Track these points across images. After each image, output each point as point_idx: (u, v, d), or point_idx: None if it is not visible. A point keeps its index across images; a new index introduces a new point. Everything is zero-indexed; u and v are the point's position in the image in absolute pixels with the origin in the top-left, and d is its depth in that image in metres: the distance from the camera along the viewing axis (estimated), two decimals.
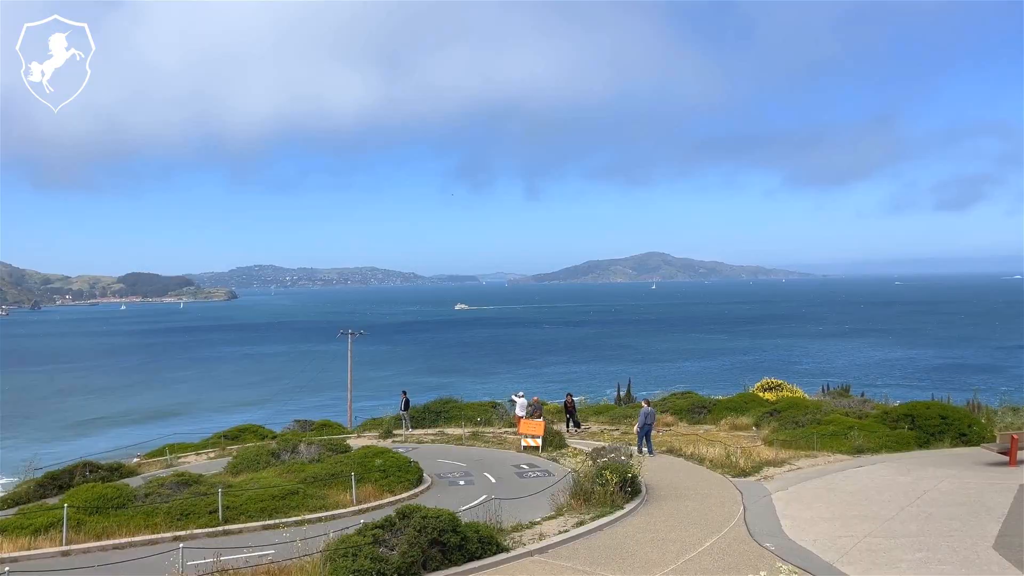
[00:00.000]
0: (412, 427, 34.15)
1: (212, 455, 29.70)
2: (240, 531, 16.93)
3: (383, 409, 44.14)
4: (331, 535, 13.13)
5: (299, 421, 37.28)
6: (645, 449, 24.77)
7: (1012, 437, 20.73)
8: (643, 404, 26.98)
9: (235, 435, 33.89)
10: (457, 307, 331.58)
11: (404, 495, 19.82)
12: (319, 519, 17.32)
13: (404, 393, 36.41)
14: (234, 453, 26.02)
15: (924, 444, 23.90)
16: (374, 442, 29.43)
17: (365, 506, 18.62)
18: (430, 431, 33.09)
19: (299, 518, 17.52)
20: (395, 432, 32.45)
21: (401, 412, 35.02)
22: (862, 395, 40.08)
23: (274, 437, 30.61)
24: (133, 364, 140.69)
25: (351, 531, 13.10)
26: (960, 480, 18.60)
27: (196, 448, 32.54)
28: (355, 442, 29.26)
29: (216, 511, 17.46)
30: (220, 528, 17.00)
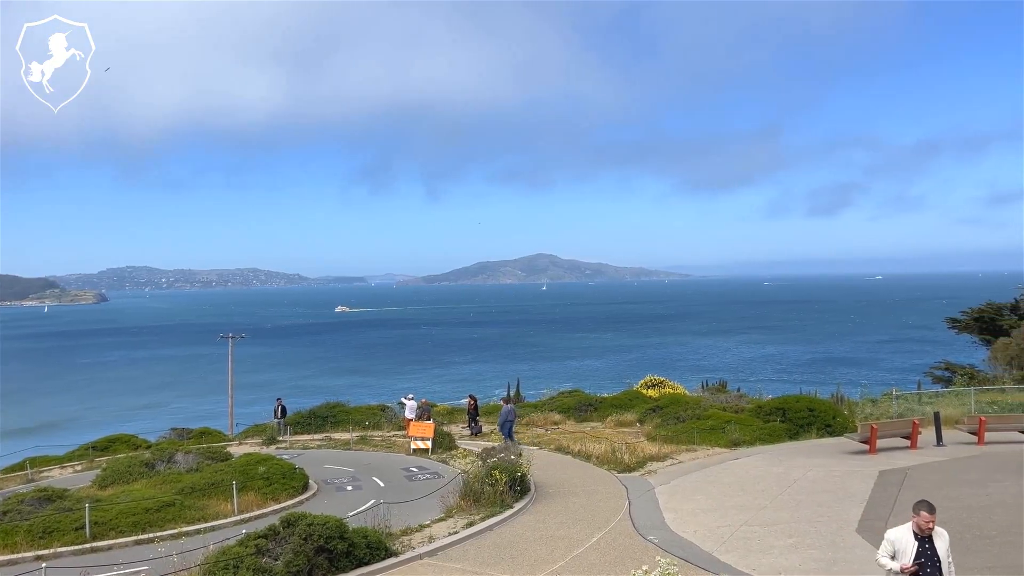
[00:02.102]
0: (290, 433, 33.20)
1: (79, 468, 27.87)
2: (110, 547, 15.93)
3: (267, 415, 42.68)
4: (210, 547, 12.58)
5: (176, 429, 35.54)
6: (507, 441, 25.69)
7: (872, 427, 22.25)
8: (503, 403, 28.38)
9: (105, 446, 31.88)
10: (338, 309, 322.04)
11: (289, 503, 19.23)
12: (198, 531, 16.53)
13: (279, 400, 35.41)
14: (103, 465, 24.46)
15: (794, 436, 25.29)
16: (257, 449, 28.42)
17: (247, 515, 17.93)
18: (316, 436, 32.26)
19: (175, 531, 16.66)
20: (279, 438, 31.46)
21: (276, 420, 34.05)
22: (738, 390, 41.98)
23: (148, 447, 29.02)
24: None
25: (232, 542, 12.59)
26: (826, 469, 19.79)
27: (61, 461, 30.42)
28: (237, 449, 28.15)
29: (83, 527, 16.37)
30: (87, 545, 15.93)
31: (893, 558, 8.34)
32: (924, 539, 8.30)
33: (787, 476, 19.10)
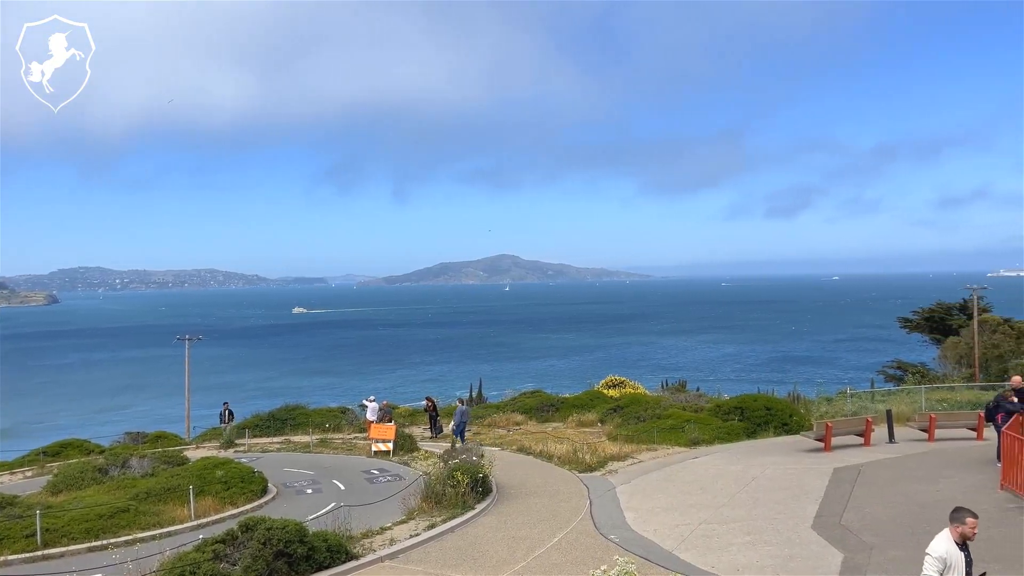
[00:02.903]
0: (235, 437, 32.75)
1: (29, 474, 27.14)
2: (62, 555, 15.55)
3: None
4: (166, 553, 12.36)
5: (131, 433, 34.84)
6: (460, 443, 25.81)
7: (827, 425, 22.70)
8: (458, 403, 28.66)
9: (56, 451, 31.11)
10: (295, 311, 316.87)
11: (248, 507, 18.97)
12: (153, 537, 16.22)
13: (226, 404, 34.97)
14: (55, 471, 23.88)
15: (752, 434, 25.70)
16: (215, 453, 27.97)
17: (205, 520, 17.64)
18: (275, 439, 31.87)
19: (130, 537, 16.30)
20: (237, 441, 31.01)
21: (223, 425, 33.59)
22: (697, 390, 42.57)
23: (101, 452, 28.39)
24: None
25: (189, 548, 12.40)
26: (783, 467, 20.13)
27: (10, 467, 29.59)
28: (194, 453, 27.71)
29: (34, 534, 15.95)
30: (39, 553, 15.53)
31: (942, 575, 7.92)
32: (963, 547, 8.01)
33: (745, 474, 19.39)
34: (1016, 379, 19.82)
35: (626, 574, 7.11)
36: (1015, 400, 18.58)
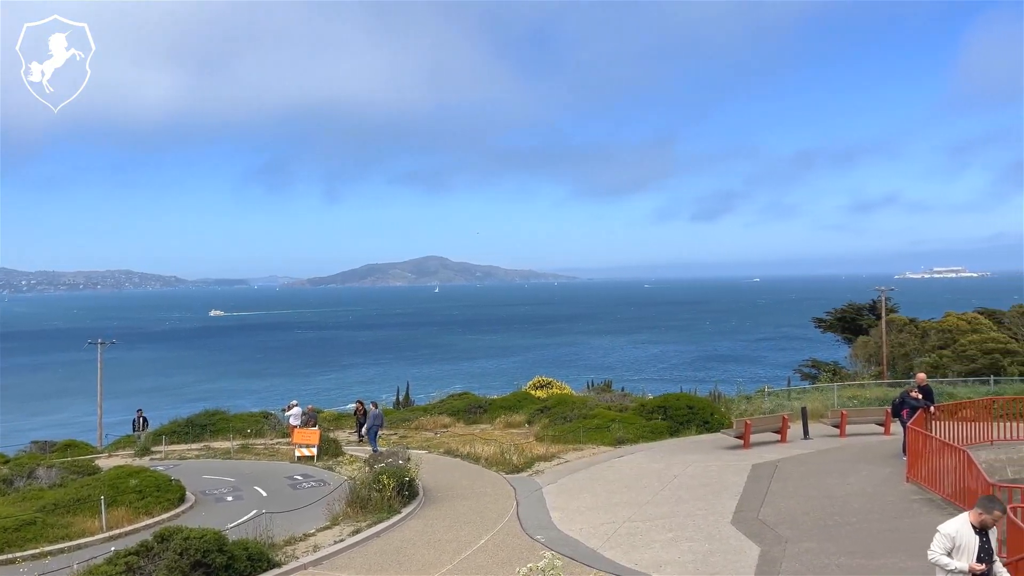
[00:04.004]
0: (149, 443, 31.72)
1: None
2: None
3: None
4: (76, 567, 11.85)
5: (38, 442, 33.24)
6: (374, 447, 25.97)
7: (746, 423, 23.38)
8: (371, 407, 28.39)
9: None
10: (212, 313, 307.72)
11: (164, 516, 18.33)
12: (62, 550, 15.52)
13: (139, 412, 33.76)
14: None
15: (675, 433, 26.25)
16: (129, 461, 26.94)
17: (117, 532, 16.96)
18: (194, 446, 30.89)
19: (37, 551, 15.56)
20: (153, 449, 29.92)
21: (136, 433, 32.44)
22: (622, 390, 43.27)
23: (5, 462, 26.97)
24: None
25: (100, 560, 11.90)
26: (704, 464, 20.64)
27: None
28: (106, 462, 26.61)
29: None
30: None
31: (949, 555, 7.75)
32: (982, 532, 7.78)
33: (668, 472, 19.80)
34: (920, 376, 20.85)
35: (553, 569, 7.15)
36: (919, 396, 19.54)
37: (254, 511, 18.01)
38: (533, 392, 37.29)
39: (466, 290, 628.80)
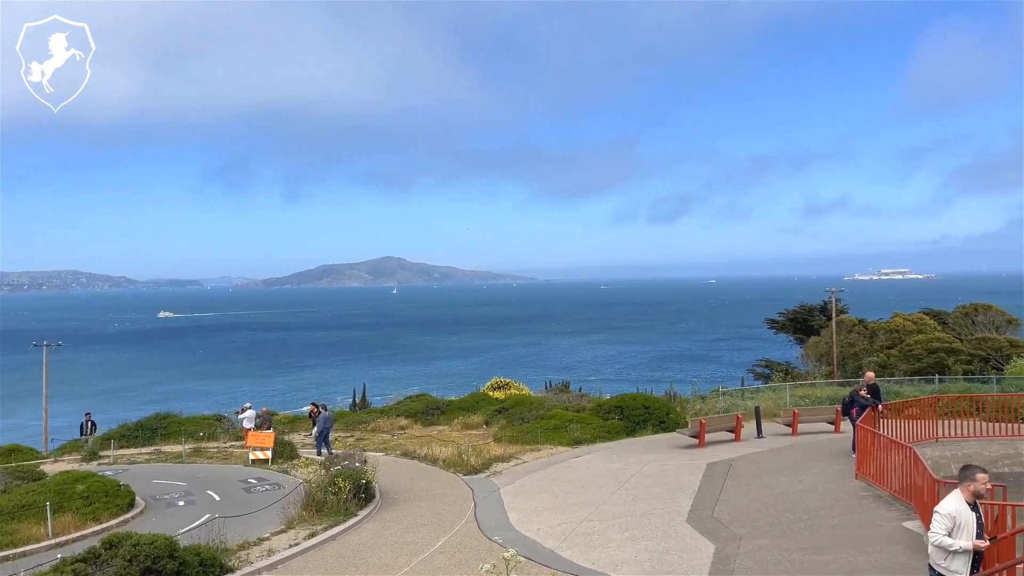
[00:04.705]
0: (98, 447, 30.96)
1: None
2: None
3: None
4: (22, 574, 11.49)
5: None
6: (324, 451, 25.74)
7: (701, 422, 23.69)
8: (322, 410, 28.17)
9: None
10: (161, 315, 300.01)
11: (113, 522, 17.88)
12: (7, 558, 15.05)
13: (88, 415, 32.93)
14: None
15: (631, 432, 26.48)
16: (76, 466, 26.19)
17: (65, 539, 16.50)
18: (144, 450, 30.20)
19: None
20: (102, 453, 29.16)
21: (83, 437, 31.62)
22: (580, 390, 43.53)
23: None
24: None
25: (46, 568, 11.58)
26: (660, 463, 20.86)
27: None
28: (52, 467, 25.85)
29: None
30: None
31: (951, 535, 7.67)
32: (975, 507, 7.76)
33: (624, 472, 19.96)
34: (869, 375, 21.39)
35: (516, 563, 7.13)
36: (867, 395, 20.03)
37: (207, 515, 17.68)
38: (491, 393, 37.28)
39: (424, 291, 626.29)
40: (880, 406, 19.91)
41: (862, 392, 20.20)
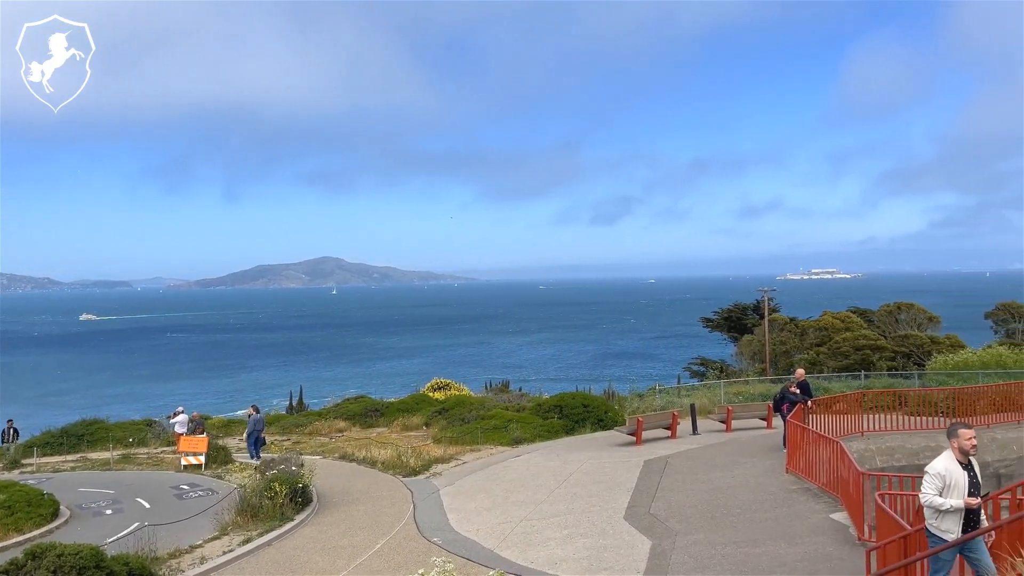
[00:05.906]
0: (20, 455, 29.71)
1: None
2: None
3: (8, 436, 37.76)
4: None
5: None
6: (254, 456, 25.15)
7: (638, 420, 24.05)
8: (251, 411, 27.42)
9: None
10: (83, 317, 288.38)
11: (36, 532, 17.18)
12: None
13: (10, 422, 31.60)
14: None
15: (571, 431, 26.72)
16: None
17: None
18: (70, 457, 29.11)
19: None
20: (24, 461, 28.01)
21: (4, 445, 30.33)
22: (520, 390, 43.70)
23: None
24: None
25: None
26: (599, 461, 21.10)
27: None
28: None
29: None
30: None
31: (941, 494, 7.64)
32: (967, 466, 7.68)
33: (564, 470, 20.13)
34: (799, 372, 22.03)
35: (445, 573, 7.15)
36: (797, 392, 20.64)
37: (136, 524, 17.14)
38: (431, 394, 37.11)
39: (364, 292, 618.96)
40: (810, 402, 20.53)
41: (792, 389, 20.79)
